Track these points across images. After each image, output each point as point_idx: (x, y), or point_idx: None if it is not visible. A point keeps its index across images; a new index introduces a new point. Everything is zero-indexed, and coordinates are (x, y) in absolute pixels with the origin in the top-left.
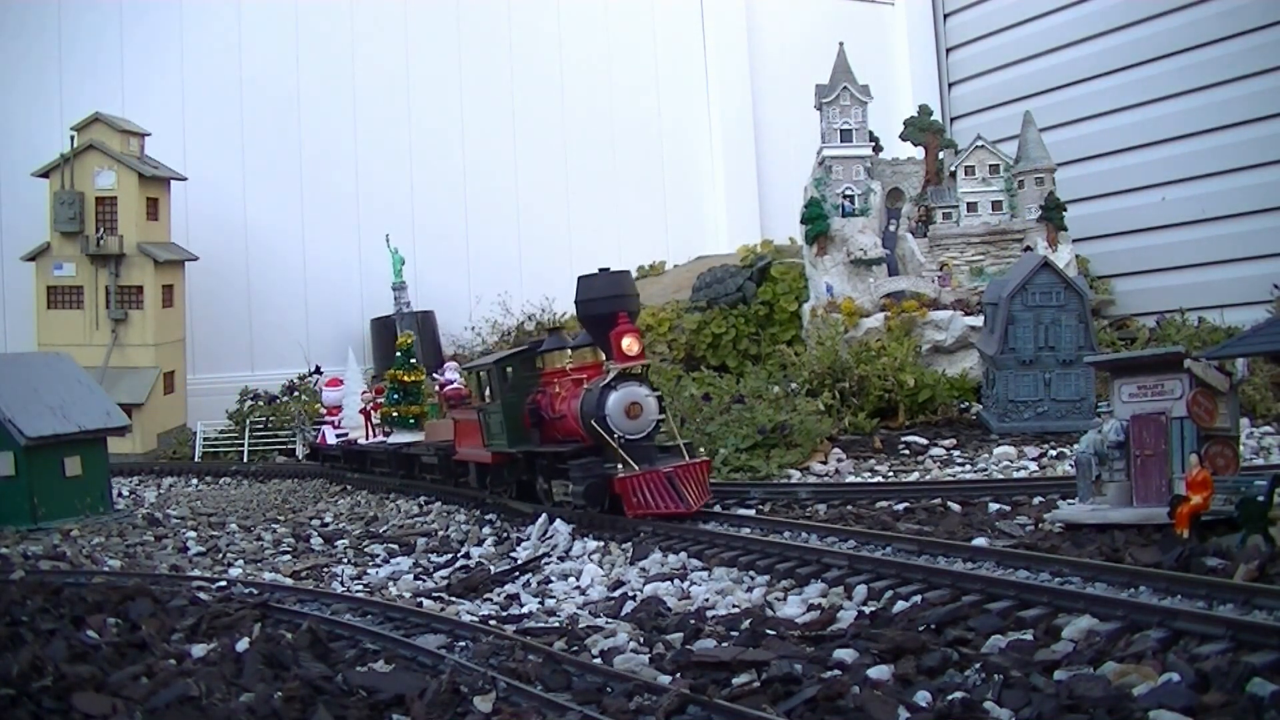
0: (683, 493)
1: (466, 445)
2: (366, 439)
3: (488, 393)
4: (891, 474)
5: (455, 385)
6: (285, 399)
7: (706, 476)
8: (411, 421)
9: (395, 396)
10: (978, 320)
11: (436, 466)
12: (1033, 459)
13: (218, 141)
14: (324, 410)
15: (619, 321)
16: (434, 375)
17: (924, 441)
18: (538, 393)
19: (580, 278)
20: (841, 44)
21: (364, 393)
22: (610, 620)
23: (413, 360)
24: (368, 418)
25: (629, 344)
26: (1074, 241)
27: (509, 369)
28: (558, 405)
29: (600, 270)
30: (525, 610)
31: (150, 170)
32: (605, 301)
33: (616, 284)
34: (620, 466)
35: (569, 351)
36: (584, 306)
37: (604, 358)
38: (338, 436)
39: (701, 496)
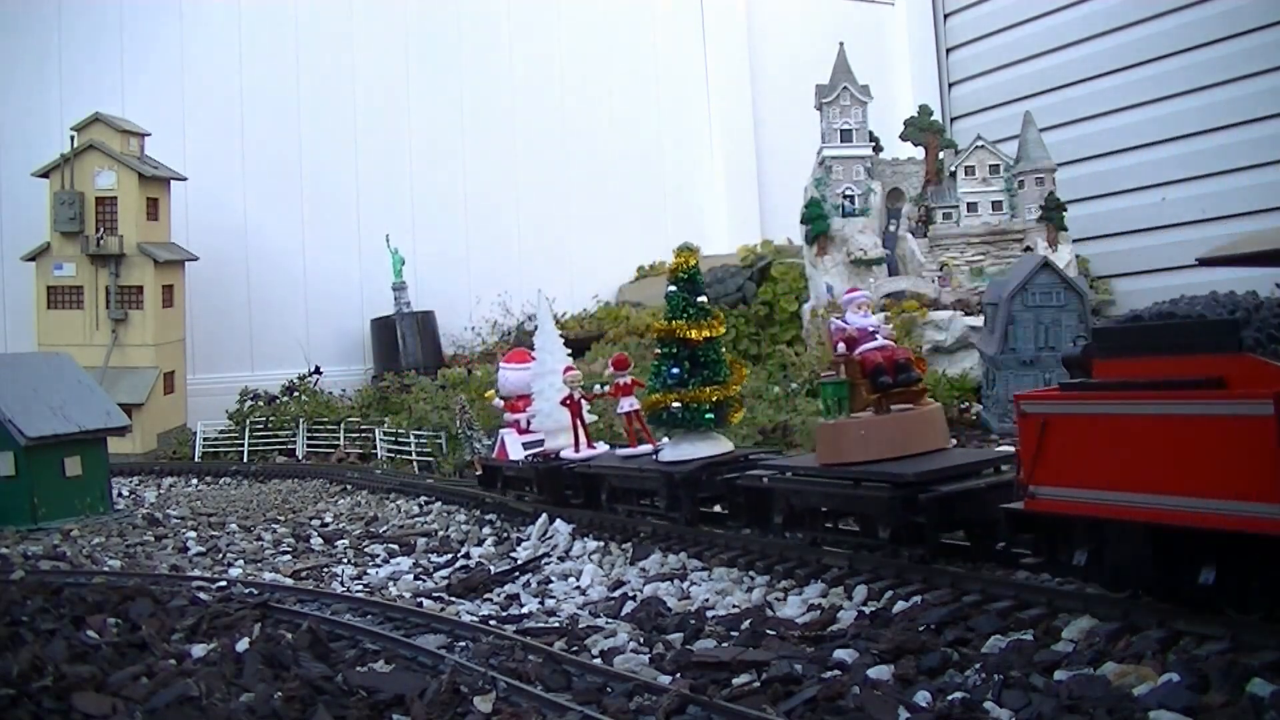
0: None
1: (1135, 481)
2: (576, 449)
3: None
4: None
5: (883, 340)
6: (285, 399)
7: None
8: (708, 415)
9: (676, 370)
10: (978, 320)
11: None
12: None
13: (218, 142)
14: (500, 403)
15: None
16: (835, 321)
17: None
18: None
19: None
20: (841, 44)
21: (568, 370)
22: (610, 620)
23: (702, 299)
24: (576, 411)
25: None
26: (1074, 241)
27: None
28: None
29: None
30: (525, 610)
31: (150, 170)
32: None
33: None
34: None
35: None
36: None
37: None
38: (526, 446)
39: None
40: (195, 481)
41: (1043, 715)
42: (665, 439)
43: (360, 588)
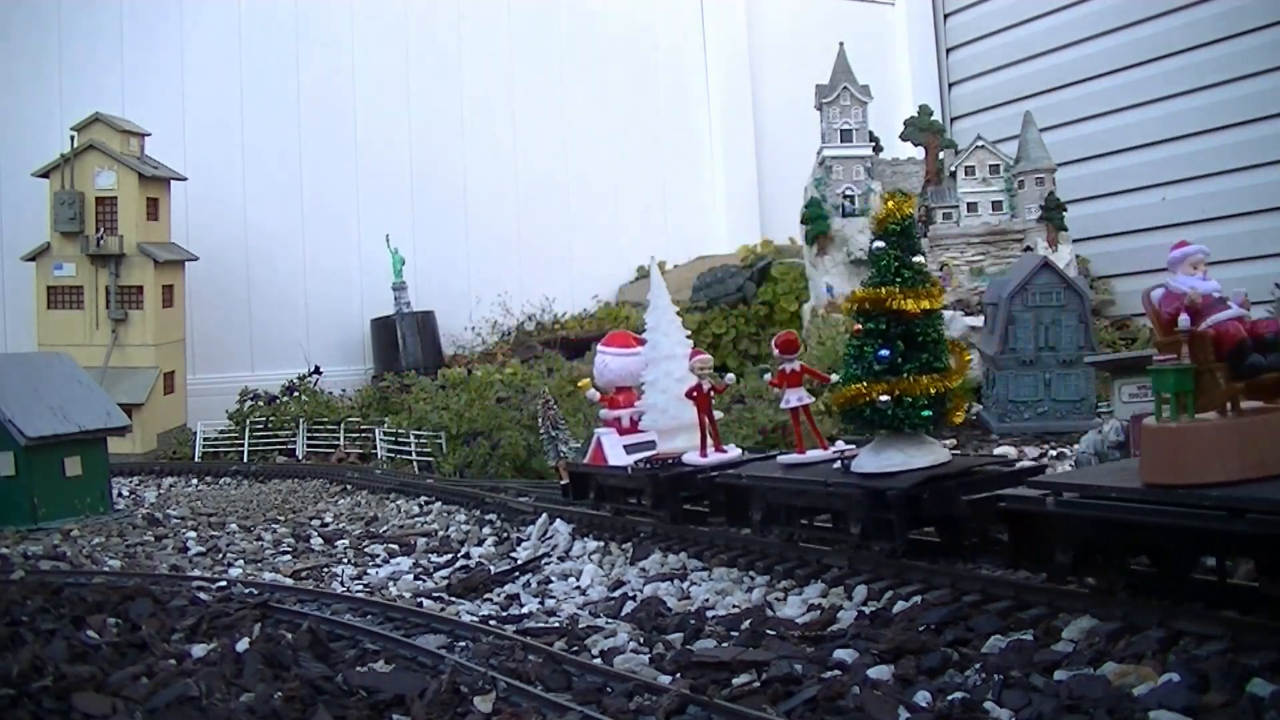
0: None
1: None
2: (703, 453)
3: None
4: None
5: (1238, 309)
6: (285, 399)
7: None
8: (925, 412)
9: (885, 353)
10: (978, 320)
11: None
12: (1033, 459)
13: (218, 141)
14: (596, 395)
15: None
16: (1165, 286)
17: None
18: None
19: None
20: (841, 44)
21: (695, 354)
22: (610, 620)
23: (919, 259)
24: (705, 407)
25: None
26: (1074, 241)
27: None
28: None
29: None
30: (525, 610)
31: (150, 170)
32: None
33: None
34: None
35: None
36: None
37: None
38: (630, 449)
39: None
40: (195, 481)
41: (1043, 715)
42: (840, 442)
43: (360, 588)
